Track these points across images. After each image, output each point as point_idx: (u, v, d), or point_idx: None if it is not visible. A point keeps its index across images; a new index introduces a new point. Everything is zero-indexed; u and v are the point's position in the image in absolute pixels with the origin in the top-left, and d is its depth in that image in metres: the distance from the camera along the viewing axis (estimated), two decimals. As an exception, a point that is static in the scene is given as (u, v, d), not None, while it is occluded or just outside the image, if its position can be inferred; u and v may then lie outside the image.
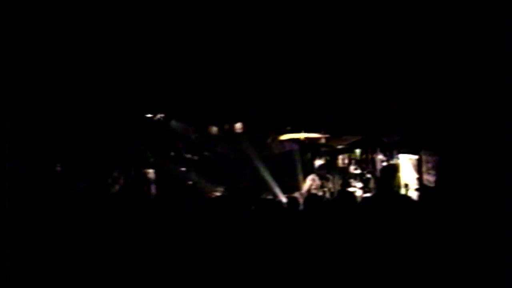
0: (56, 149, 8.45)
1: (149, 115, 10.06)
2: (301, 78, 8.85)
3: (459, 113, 7.51)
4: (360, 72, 8.60)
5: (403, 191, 9.51)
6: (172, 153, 10.45)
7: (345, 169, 10.77)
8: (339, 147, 10.90)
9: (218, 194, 9.97)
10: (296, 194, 9.38)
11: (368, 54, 8.17)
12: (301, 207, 6.54)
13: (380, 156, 10.35)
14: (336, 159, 11.02)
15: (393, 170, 10.24)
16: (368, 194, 9.41)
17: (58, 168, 8.80)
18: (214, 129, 10.65)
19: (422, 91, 8.25)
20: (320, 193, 9.96)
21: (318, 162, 10.97)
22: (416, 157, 9.76)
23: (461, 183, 7.21)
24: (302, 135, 10.75)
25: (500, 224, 4.12)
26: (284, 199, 8.98)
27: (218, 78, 8.78)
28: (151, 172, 10.24)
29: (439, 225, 4.06)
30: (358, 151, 10.80)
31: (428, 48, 7.50)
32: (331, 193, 10.09)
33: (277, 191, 10.12)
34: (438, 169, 8.97)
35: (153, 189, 9.99)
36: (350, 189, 9.57)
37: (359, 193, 9.61)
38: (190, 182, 10.23)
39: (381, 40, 7.83)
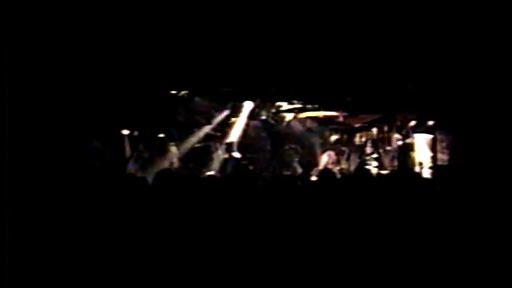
0: (78, 125, 8.50)
1: (173, 92, 10.13)
2: (321, 59, 8.87)
3: (473, 95, 7.67)
4: (378, 52, 8.60)
5: (417, 169, 9.78)
6: (195, 129, 10.69)
7: (361, 147, 11.08)
8: (357, 125, 11.20)
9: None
10: (314, 171, 9.64)
11: (387, 35, 8.16)
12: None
13: (396, 135, 10.64)
14: (353, 137, 11.34)
15: (409, 149, 10.53)
16: (383, 172, 9.61)
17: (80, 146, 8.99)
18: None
19: (437, 72, 8.34)
20: (337, 169, 10.20)
21: (334, 138, 11.32)
22: (431, 136, 10.01)
23: (474, 162, 7.42)
24: (321, 114, 11.01)
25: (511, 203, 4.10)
26: (303, 175, 9.27)
27: (240, 58, 8.82)
28: (174, 147, 10.55)
29: (452, 202, 4.03)
30: (374, 129, 11.07)
31: (446, 29, 7.54)
32: (348, 170, 10.34)
33: (297, 167, 10.45)
34: (452, 148, 9.21)
35: (175, 163, 10.28)
36: (366, 167, 9.78)
37: (374, 170, 9.85)
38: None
39: (399, 22, 7.82)
